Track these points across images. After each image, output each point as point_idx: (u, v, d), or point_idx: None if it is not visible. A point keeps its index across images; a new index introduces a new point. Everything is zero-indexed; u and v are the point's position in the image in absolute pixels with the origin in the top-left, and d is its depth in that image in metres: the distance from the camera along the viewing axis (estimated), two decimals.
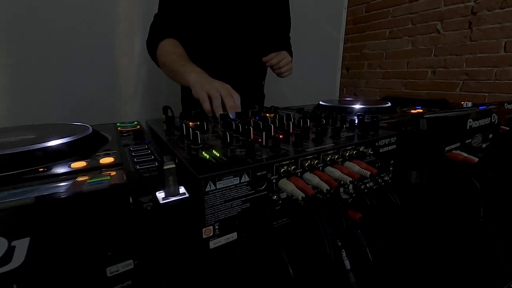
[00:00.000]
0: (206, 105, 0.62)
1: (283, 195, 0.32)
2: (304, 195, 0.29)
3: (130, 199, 0.23)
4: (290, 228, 0.34)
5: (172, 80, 0.82)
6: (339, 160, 0.36)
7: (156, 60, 0.85)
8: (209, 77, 0.70)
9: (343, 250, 0.33)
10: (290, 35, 1.11)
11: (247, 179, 0.29)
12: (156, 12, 0.87)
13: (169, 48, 0.81)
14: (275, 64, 0.89)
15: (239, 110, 0.60)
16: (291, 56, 1.13)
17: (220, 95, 0.61)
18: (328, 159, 0.34)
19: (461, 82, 1.52)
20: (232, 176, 0.27)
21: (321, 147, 0.35)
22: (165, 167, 0.25)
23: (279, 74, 0.94)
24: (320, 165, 0.34)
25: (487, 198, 0.42)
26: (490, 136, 0.56)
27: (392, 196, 0.35)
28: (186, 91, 0.98)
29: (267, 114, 0.60)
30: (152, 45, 0.84)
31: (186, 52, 0.81)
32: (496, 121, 0.56)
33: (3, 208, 0.19)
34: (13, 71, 1.10)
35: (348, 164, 0.36)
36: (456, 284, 0.39)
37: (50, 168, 0.28)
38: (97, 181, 0.24)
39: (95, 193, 0.22)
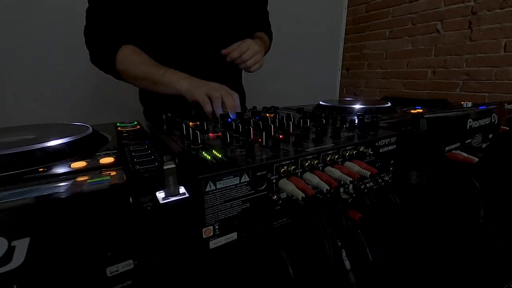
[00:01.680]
0: (208, 107, 0.60)
1: (283, 195, 0.32)
2: (304, 195, 0.29)
3: (130, 199, 0.23)
4: (290, 228, 0.34)
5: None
6: (339, 160, 0.36)
7: (113, 73, 0.71)
8: (200, 80, 0.65)
9: (343, 250, 0.33)
10: (290, 36, 1.03)
11: (247, 179, 0.29)
12: (88, 6, 0.67)
13: (133, 59, 0.68)
14: (238, 58, 0.73)
15: (239, 110, 0.60)
16: (270, 37, 0.98)
17: (220, 95, 0.61)
18: (328, 159, 0.34)
19: (461, 82, 1.52)
20: (232, 176, 0.27)
21: (321, 147, 0.35)
22: (165, 167, 0.25)
23: (246, 69, 0.77)
24: (320, 165, 0.34)
25: (487, 198, 0.42)
26: (490, 136, 0.56)
27: (392, 196, 0.35)
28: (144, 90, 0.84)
29: (267, 114, 0.60)
30: (104, 58, 0.69)
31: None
32: (496, 121, 0.56)
33: (3, 208, 0.19)
34: (13, 71, 1.10)
35: (348, 164, 0.36)
36: (456, 284, 0.39)
37: (50, 168, 0.28)
38: (97, 181, 0.24)
39: (95, 193, 0.22)
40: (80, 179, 0.25)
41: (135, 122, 0.54)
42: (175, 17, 0.74)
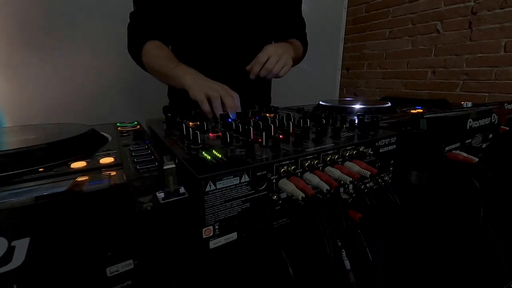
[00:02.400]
0: (206, 107, 0.61)
1: (283, 195, 0.32)
2: (304, 195, 0.29)
3: (130, 199, 0.23)
4: (290, 228, 0.34)
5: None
6: (339, 160, 0.36)
7: (141, 65, 0.78)
8: (205, 78, 0.67)
9: (343, 250, 0.33)
10: None
11: (247, 179, 0.29)
12: (132, 10, 0.78)
13: (154, 52, 0.74)
14: (262, 70, 0.70)
15: (239, 110, 0.60)
16: (305, 46, 0.96)
17: (219, 95, 0.61)
18: (328, 159, 0.34)
19: (461, 82, 1.52)
20: (232, 176, 0.27)
21: (321, 147, 0.35)
22: (165, 167, 0.25)
23: (275, 77, 0.74)
24: (320, 165, 0.34)
25: (487, 198, 0.42)
26: (490, 136, 0.56)
27: (392, 196, 0.35)
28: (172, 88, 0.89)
29: (267, 114, 0.60)
30: (134, 50, 0.77)
31: (174, 53, 0.75)
32: (496, 121, 0.55)
33: (3, 208, 0.19)
34: (13, 71, 1.10)
35: (348, 164, 0.36)
36: (456, 284, 0.39)
37: (50, 168, 0.28)
38: (97, 181, 0.24)
39: (95, 193, 0.22)
40: (80, 179, 0.25)
41: (135, 122, 0.54)
42: (209, 24, 0.79)
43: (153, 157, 0.34)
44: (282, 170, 0.30)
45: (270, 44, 0.76)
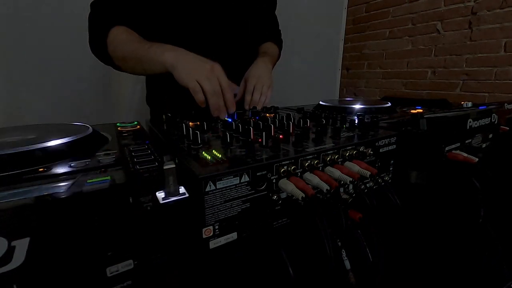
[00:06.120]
0: (200, 97, 0.54)
1: (283, 195, 0.32)
2: (304, 195, 0.29)
3: (130, 199, 0.23)
4: (290, 228, 0.34)
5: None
6: (339, 160, 0.36)
7: (108, 59, 0.66)
8: (190, 53, 0.57)
9: (343, 250, 0.33)
10: (289, 36, 1.02)
11: (247, 179, 0.29)
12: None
13: (122, 36, 0.63)
14: (252, 102, 0.70)
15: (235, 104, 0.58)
16: (280, 45, 0.98)
17: (218, 90, 0.55)
18: (328, 159, 0.34)
19: (461, 82, 1.52)
20: (232, 176, 0.27)
21: (321, 147, 0.35)
22: (165, 167, 0.25)
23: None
24: (320, 165, 0.34)
25: (487, 198, 0.42)
26: (490, 136, 0.56)
27: (392, 196, 0.35)
28: (151, 88, 0.85)
29: (267, 114, 0.60)
30: (97, 40, 0.65)
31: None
32: (496, 121, 0.55)
33: (3, 208, 0.19)
34: (13, 71, 1.10)
35: (348, 164, 0.36)
36: (456, 284, 0.39)
37: (50, 168, 0.28)
38: (97, 181, 0.24)
39: (95, 193, 0.22)
40: (80, 179, 0.25)
41: (135, 122, 0.54)
42: (182, 19, 0.73)
43: (153, 157, 0.34)
44: (282, 170, 0.30)
45: (251, 74, 0.73)
